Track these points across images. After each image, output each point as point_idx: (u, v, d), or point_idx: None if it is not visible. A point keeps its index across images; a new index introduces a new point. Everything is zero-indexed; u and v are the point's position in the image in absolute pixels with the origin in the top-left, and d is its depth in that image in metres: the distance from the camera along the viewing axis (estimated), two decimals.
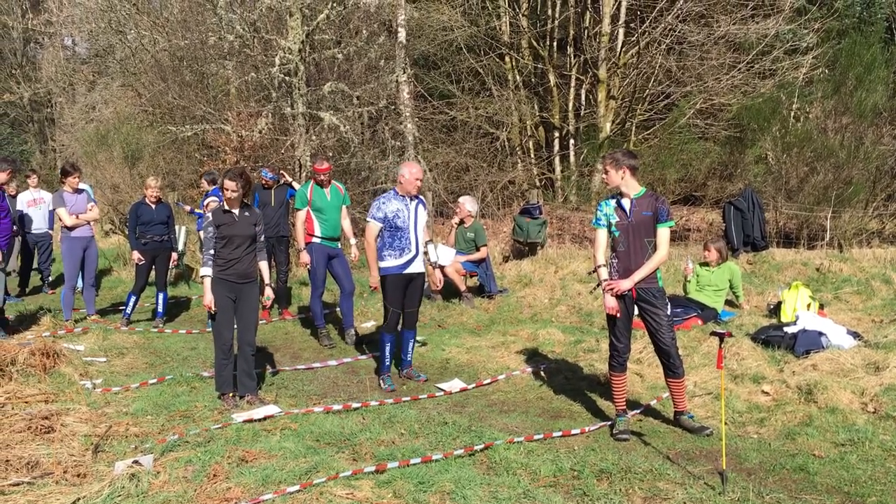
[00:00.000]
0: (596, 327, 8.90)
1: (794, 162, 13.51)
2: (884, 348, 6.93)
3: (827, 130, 13.74)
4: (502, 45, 18.37)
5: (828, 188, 13.00)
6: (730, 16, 16.68)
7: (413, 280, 6.97)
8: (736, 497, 4.26)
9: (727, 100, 16.64)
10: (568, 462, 4.83)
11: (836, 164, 13.05)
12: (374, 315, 9.88)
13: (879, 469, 4.69)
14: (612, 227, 5.54)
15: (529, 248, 12.44)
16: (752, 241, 11.99)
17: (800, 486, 4.50)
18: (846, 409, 5.75)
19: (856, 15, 18.17)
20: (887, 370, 6.33)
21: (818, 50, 16.47)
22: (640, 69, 17.03)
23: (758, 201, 12.19)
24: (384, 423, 5.73)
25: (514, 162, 18.38)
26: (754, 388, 6.35)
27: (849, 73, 13.62)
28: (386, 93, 14.95)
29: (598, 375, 6.97)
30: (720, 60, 16.84)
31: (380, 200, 6.89)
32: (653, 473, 4.62)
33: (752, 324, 8.38)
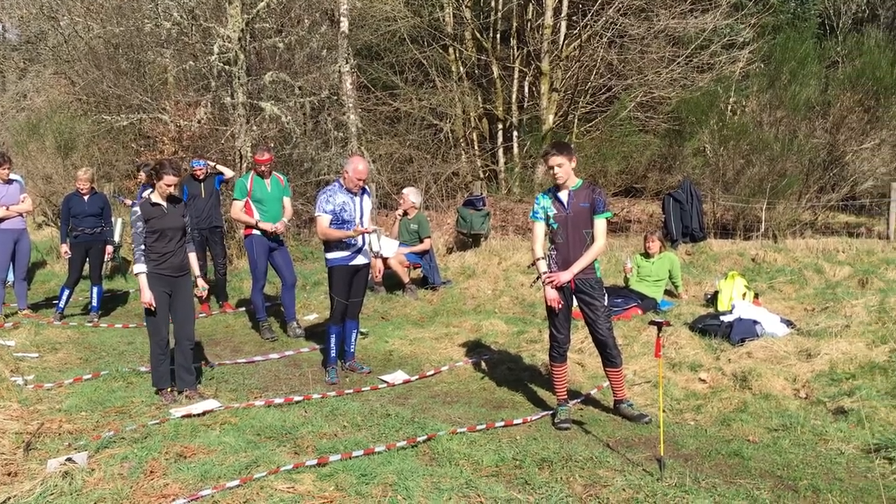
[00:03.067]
0: (538, 318, 8.96)
1: (730, 154, 13.80)
2: (815, 336, 7.13)
3: (762, 124, 14.08)
4: (446, 37, 18.34)
5: (763, 180, 13.31)
6: (669, 10, 16.94)
7: (359, 271, 6.95)
8: (673, 483, 4.33)
9: (667, 93, 16.90)
10: (510, 451, 4.85)
11: (771, 156, 13.37)
12: (317, 307, 9.79)
13: (811, 453, 4.82)
14: (551, 219, 5.53)
15: (473, 240, 12.47)
16: (691, 233, 12.21)
17: (735, 471, 4.60)
18: (779, 395, 5.90)
19: (790, 11, 18.64)
20: (818, 357, 6.52)
21: (754, 45, 16.86)
22: (583, 62, 17.19)
23: (696, 193, 12.41)
24: (326, 416, 5.68)
25: (457, 153, 18.40)
26: (692, 376, 6.48)
27: (783, 68, 13.97)
28: (328, 83, 14.81)
29: (540, 366, 7.01)
30: (660, 54, 17.11)
31: (326, 193, 6.81)
32: (593, 461, 4.67)
33: (690, 313, 8.54)
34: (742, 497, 4.13)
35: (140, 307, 6.21)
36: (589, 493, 4.28)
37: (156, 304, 6.02)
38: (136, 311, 9.81)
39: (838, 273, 10.39)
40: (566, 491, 4.31)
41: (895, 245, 11.99)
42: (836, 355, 6.49)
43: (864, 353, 6.51)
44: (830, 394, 5.85)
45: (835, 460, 4.68)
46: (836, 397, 5.75)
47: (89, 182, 9.33)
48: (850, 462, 4.64)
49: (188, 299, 6.28)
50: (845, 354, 6.50)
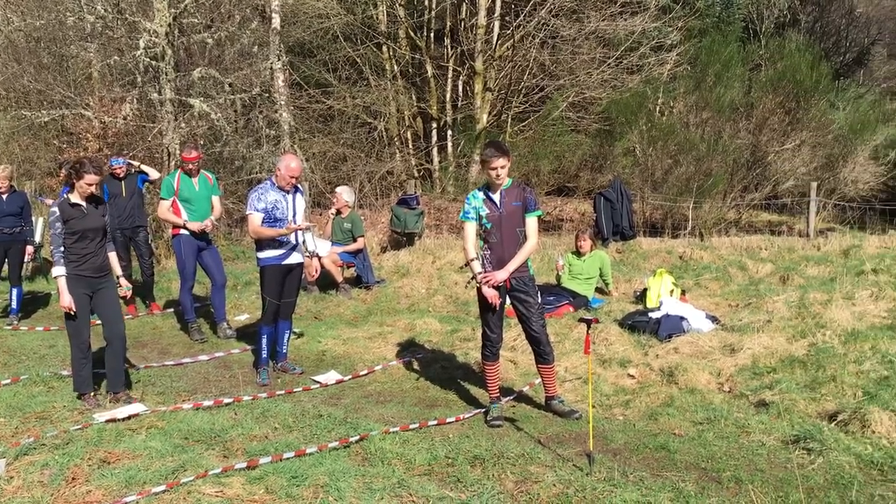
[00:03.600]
0: (472, 316, 9.00)
1: (659, 154, 14.11)
2: (739, 331, 7.34)
3: (689, 125, 14.43)
4: (379, 35, 18.28)
5: (690, 180, 13.66)
6: (600, 12, 17.24)
7: (291, 271, 6.87)
8: (602, 477, 4.40)
9: (598, 94, 17.20)
10: (443, 450, 4.86)
11: (698, 156, 13.73)
12: (248, 307, 9.65)
13: (734, 445, 4.96)
14: (483, 219, 5.50)
15: (407, 239, 12.46)
16: (621, 231, 12.44)
17: (661, 464, 4.70)
18: (704, 389, 6.06)
19: (716, 15, 19.17)
20: (741, 352, 6.71)
21: (681, 47, 17.29)
22: (516, 62, 17.35)
23: (626, 192, 12.64)
24: (257, 417, 5.60)
25: (392, 152, 18.36)
26: (621, 372, 6.60)
27: (709, 70, 14.35)
28: (260, 80, 14.61)
29: (473, 364, 7.04)
30: (591, 55, 17.39)
31: (258, 191, 6.70)
32: (524, 458, 4.72)
33: (619, 310, 8.70)
34: (668, 489, 4.23)
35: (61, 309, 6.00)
36: (520, 490, 4.32)
37: (76, 307, 5.83)
38: (57, 313, 9.48)
39: (761, 270, 10.72)
40: (498, 488, 4.35)
41: (814, 243, 12.43)
42: (758, 350, 6.69)
43: (784, 348, 6.73)
44: (752, 387, 6.02)
45: (756, 452, 4.82)
46: (757, 390, 5.92)
47: (7, 180, 9.01)
48: (770, 453, 4.78)
49: (113, 299, 6.11)
50: (767, 349, 6.71)
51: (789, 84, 14.56)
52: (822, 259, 11.04)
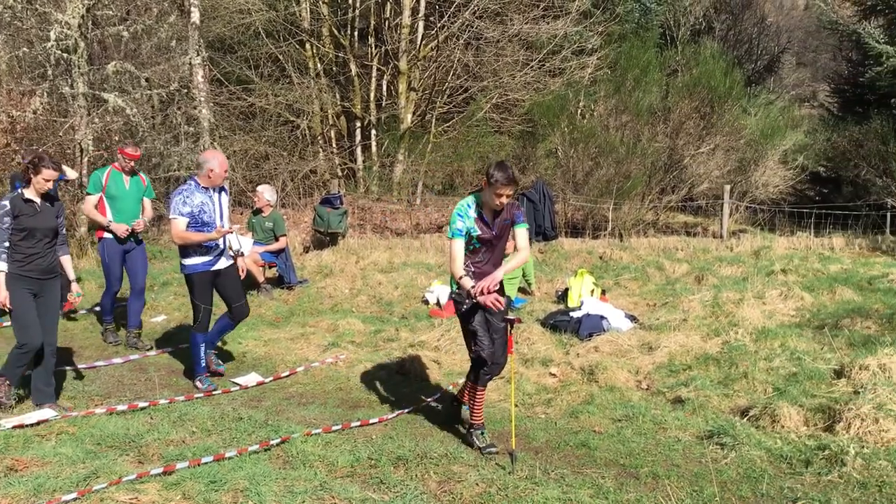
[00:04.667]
0: (395, 317, 8.99)
1: (580, 156, 14.36)
2: (656, 330, 7.54)
3: (609, 127, 14.73)
4: (302, 32, 18.07)
5: (610, 182, 13.95)
6: (523, 15, 17.44)
7: (220, 274, 6.52)
8: (524, 475, 4.45)
9: (521, 96, 17.40)
10: (365, 451, 4.83)
11: (617, 159, 14.03)
12: (165, 308, 9.41)
13: (651, 441, 5.08)
14: (474, 239, 5.04)
15: (330, 239, 12.35)
16: (544, 232, 12.61)
17: (581, 461, 4.78)
18: (623, 386, 6.19)
19: (635, 21, 19.62)
20: (659, 350, 6.89)
21: (602, 52, 17.62)
22: (440, 62, 17.41)
23: (548, 193, 12.83)
24: (174, 421, 5.45)
25: (315, 151, 18.18)
26: (543, 371, 6.68)
27: (628, 75, 14.69)
28: (178, 75, 14.24)
29: (395, 364, 7.02)
30: (514, 57, 17.58)
31: (182, 194, 6.33)
32: (447, 457, 4.72)
33: (542, 310, 8.81)
34: (588, 486, 4.30)
35: None
36: (443, 490, 4.33)
37: (22, 306, 5.53)
38: None
39: (677, 270, 11.02)
40: (421, 488, 4.34)
41: (728, 244, 12.86)
42: (675, 348, 6.88)
43: (699, 346, 6.94)
44: (669, 384, 6.19)
45: (672, 447, 4.95)
46: (674, 387, 6.08)
47: None
48: (686, 448, 4.92)
49: (55, 305, 5.80)
50: (683, 347, 6.91)
51: (704, 90, 15.03)
52: (734, 259, 11.42)
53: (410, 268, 11.12)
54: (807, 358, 6.36)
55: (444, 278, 10.42)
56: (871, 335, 6.96)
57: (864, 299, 8.69)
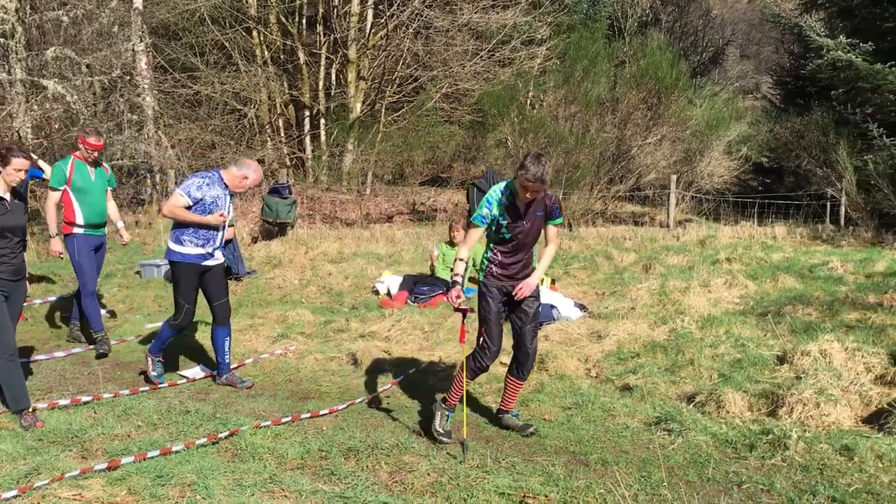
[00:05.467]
0: (346, 307, 8.94)
1: (530, 146, 14.42)
2: (605, 318, 7.62)
3: (558, 118, 14.84)
4: (249, 19, 17.79)
5: (559, 172, 14.04)
6: (472, 5, 17.43)
7: (208, 271, 6.14)
8: (475, 464, 4.46)
9: (471, 85, 17.41)
10: (316, 443, 4.79)
11: (567, 149, 14.13)
12: (109, 301, 9.21)
13: (600, 428, 5.13)
14: (503, 228, 4.82)
15: (279, 229, 12.21)
16: None
17: (532, 450, 4.81)
18: (573, 375, 6.24)
19: (583, 12, 19.75)
20: (607, 338, 6.97)
21: (551, 42, 17.71)
22: (389, 51, 17.31)
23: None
24: (119, 416, 5.34)
25: (263, 140, 17.95)
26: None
27: (576, 66, 14.80)
28: (121, 62, 13.91)
29: (346, 355, 6.98)
30: (464, 47, 17.57)
31: (203, 178, 5.96)
32: (399, 448, 4.71)
33: None
34: (538, 473, 4.32)
35: None
36: (394, 480, 4.32)
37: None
38: None
39: (625, 259, 11.15)
40: (372, 479, 4.32)
41: (674, 233, 13.06)
42: (623, 336, 6.97)
43: (647, 333, 7.04)
44: (618, 372, 6.26)
45: (621, 434, 5.01)
46: (622, 375, 6.16)
47: None
48: (634, 435, 4.98)
49: (18, 307, 5.47)
50: (631, 335, 7.00)
51: (651, 81, 15.22)
52: (681, 249, 11.61)
53: (361, 258, 11.06)
54: (751, 344, 6.49)
55: (394, 268, 10.39)
56: (812, 322, 7.14)
57: (806, 287, 8.91)
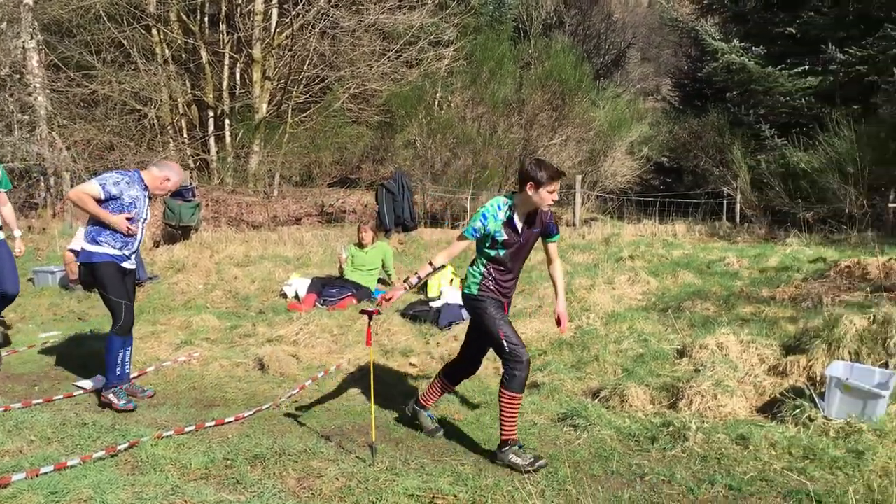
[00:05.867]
0: (252, 311, 8.76)
1: (438, 147, 14.50)
2: (513, 316, 7.67)
3: (466, 119, 14.97)
4: (148, 17, 17.24)
5: (468, 172, 14.17)
6: (379, 5, 17.37)
7: (127, 275, 5.84)
8: (384, 467, 4.43)
9: (378, 86, 17.34)
10: (221, 452, 4.67)
11: (475, 149, 14.27)
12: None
13: None
14: (499, 244, 4.66)
15: (182, 232, 11.88)
16: (403, 222, 12.63)
17: (441, 450, 4.82)
18: (482, 373, 6.25)
19: (489, 14, 19.96)
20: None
21: (458, 44, 17.82)
22: (295, 51, 17.08)
23: (407, 184, 12.85)
24: (9, 431, 5.07)
25: (165, 141, 17.43)
26: (403, 361, 6.70)
27: (483, 67, 14.96)
28: (10, 60, 13.26)
29: (252, 360, 6.84)
30: (371, 47, 17.50)
31: (122, 176, 5.68)
32: (307, 453, 4.64)
33: (401, 300, 8.81)
34: (448, 474, 4.33)
35: None
36: (302, 486, 4.25)
37: None
38: None
39: (534, 258, 11.21)
40: (279, 486, 4.24)
41: (580, 232, 13.34)
42: (531, 334, 7.06)
43: (554, 331, 7.14)
44: None
45: (529, 431, 5.07)
46: (530, 373, 6.23)
47: None
48: (541, 431, 5.06)
49: None
50: (538, 333, 7.11)
51: (556, 82, 15.52)
52: (586, 247, 11.86)
53: (268, 261, 10.86)
54: (652, 339, 6.68)
55: (302, 271, 10.26)
56: (709, 316, 7.40)
57: (704, 282, 9.23)
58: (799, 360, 5.56)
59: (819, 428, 4.59)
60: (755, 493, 4.02)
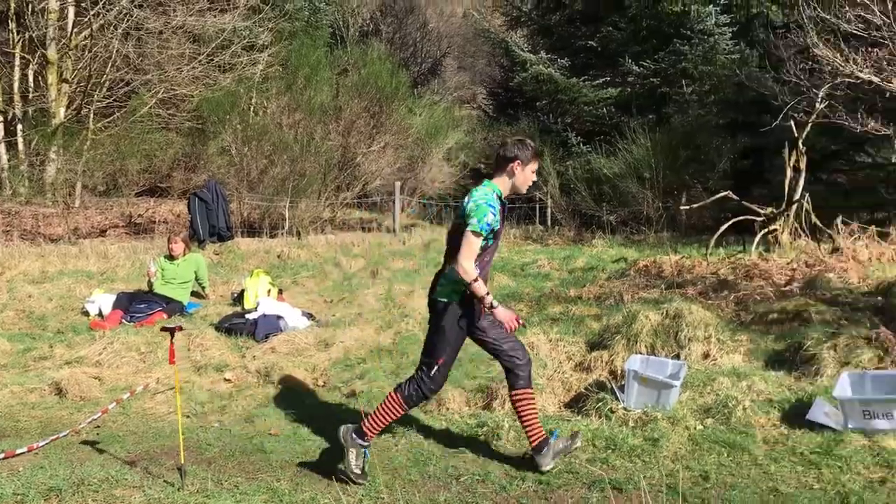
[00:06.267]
0: (50, 331, 8.11)
1: (254, 154, 14.14)
2: (333, 326, 7.64)
3: (282, 125, 14.70)
4: None
5: (285, 180, 13.91)
6: (187, 6, 16.69)
7: None
8: (195, 489, 4.23)
9: (189, 91, 16.65)
10: (10, 487, 4.27)
11: (292, 157, 14.04)
12: None
13: (328, 437, 5.09)
14: (491, 235, 4.31)
15: None
16: (218, 232, 12.20)
17: (257, 467, 4.67)
18: (300, 386, 6.18)
19: (305, 19, 19.72)
20: (335, 345, 6.98)
21: (273, 48, 17.45)
22: (96, 53, 16.06)
23: (222, 192, 12.44)
24: None
25: None
26: (217, 377, 6.44)
27: (299, 73, 14.76)
28: None
29: (49, 384, 6.33)
30: (180, 51, 16.79)
31: None
32: (109, 481, 4.34)
33: (216, 313, 8.49)
34: (262, 491, 4.20)
35: None
36: None
37: None
38: None
39: (354, 265, 11.28)
40: None
41: (400, 237, 13.46)
42: (350, 342, 7.02)
43: (373, 338, 7.16)
44: (345, 379, 6.29)
45: None
46: (349, 381, 6.20)
47: None
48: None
49: None
50: (358, 341, 7.07)
51: (373, 90, 15.59)
52: (406, 253, 11.98)
53: (68, 277, 10.09)
54: (468, 342, 6.83)
55: (107, 286, 9.63)
56: (521, 317, 7.66)
57: (518, 284, 9.58)
58: (602, 355, 5.88)
59: (619, 419, 4.86)
60: (562, 485, 4.19)
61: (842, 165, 17.00)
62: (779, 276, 8.15)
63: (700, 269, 9.04)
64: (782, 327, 6.50)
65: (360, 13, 25.06)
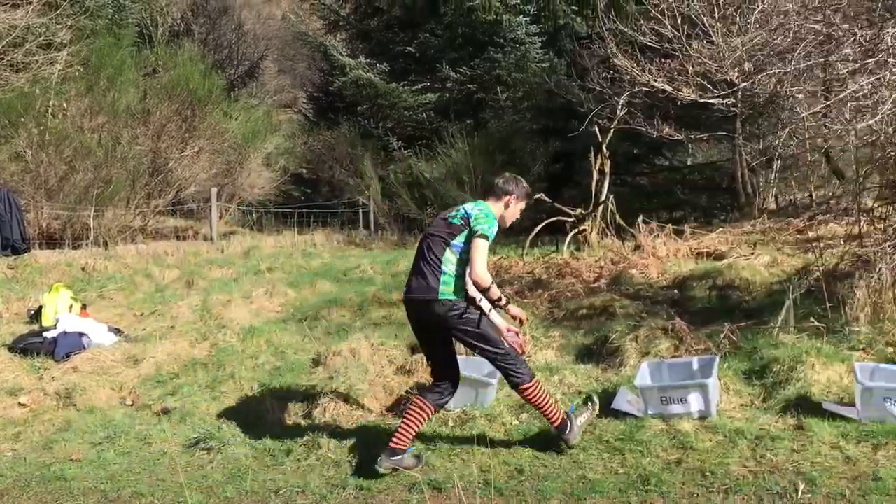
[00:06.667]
0: None
1: (52, 160, 13.14)
2: (143, 341, 7.22)
3: (84, 129, 13.77)
4: None
5: (89, 187, 13.02)
6: None
7: None
8: None
9: None
10: None
11: (96, 162, 13.17)
12: None
13: (135, 459, 4.81)
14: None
15: None
16: (13, 245, 11.25)
17: (57, 496, 4.33)
18: (105, 406, 5.79)
19: (108, 17, 18.56)
20: (145, 361, 6.60)
21: (73, 47, 16.29)
22: None
23: (16, 202, 11.49)
24: None
25: None
26: (11, 402, 5.92)
27: (101, 74, 13.88)
28: None
29: None
30: None
31: None
32: None
33: (10, 333, 7.78)
34: None
35: None
36: None
37: None
38: None
39: (167, 276, 10.74)
40: None
41: (218, 245, 12.99)
42: (162, 357, 6.67)
43: (187, 352, 6.83)
44: (156, 396, 5.96)
45: (158, 462, 4.75)
46: (161, 398, 5.88)
47: None
48: (171, 460, 4.75)
49: None
50: (170, 355, 6.73)
51: (184, 92, 14.92)
52: (224, 261, 11.56)
53: None
54: (289, 351, 6.69)
55: None
56: (344, 323, 7.60)
57: (340, 290, 9.46)
58: (423, 358, 5.91)
59: (439, 419, 4.89)
60: (384, 489, 4.17)
61: (643, 168, 18.16)
62: (588, 273, 8.56)
63: (517, 268, 9.32)
64: (591, 322, 6.82)
65: (169, 12, 23.92)
